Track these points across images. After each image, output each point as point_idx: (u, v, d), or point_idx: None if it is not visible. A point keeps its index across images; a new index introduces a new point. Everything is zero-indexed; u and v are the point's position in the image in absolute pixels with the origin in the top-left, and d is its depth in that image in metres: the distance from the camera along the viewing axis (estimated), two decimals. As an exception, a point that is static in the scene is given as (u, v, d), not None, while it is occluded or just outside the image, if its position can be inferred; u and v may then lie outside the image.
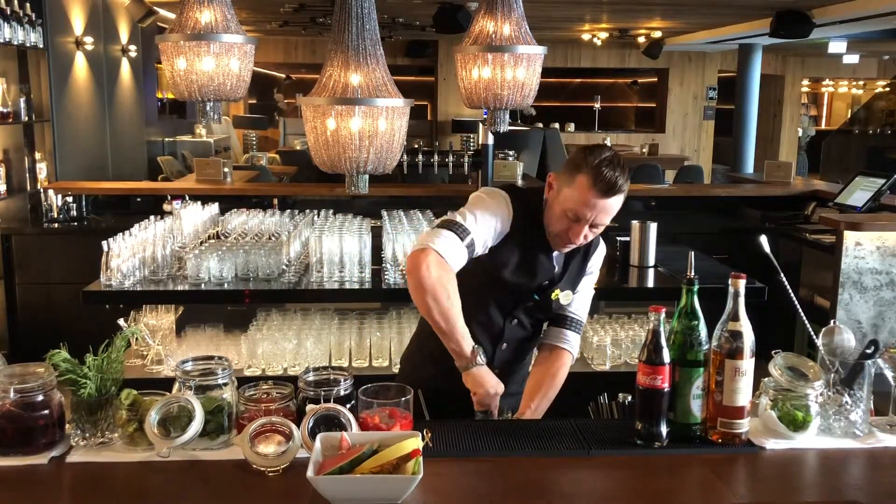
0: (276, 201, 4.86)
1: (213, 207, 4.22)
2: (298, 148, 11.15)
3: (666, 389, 1.79)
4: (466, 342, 2.04)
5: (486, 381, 2.06)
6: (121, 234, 3.37)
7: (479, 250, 2.11)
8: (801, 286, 5.06)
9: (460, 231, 2.06)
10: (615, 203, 2.07)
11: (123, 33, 7.64)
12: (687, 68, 13.77)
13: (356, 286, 3.34)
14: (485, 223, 2.10)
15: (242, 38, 2.17)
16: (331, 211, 4.06)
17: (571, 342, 2.32)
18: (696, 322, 1.81)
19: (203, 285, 3.31)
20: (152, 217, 3.70)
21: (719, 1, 7.89)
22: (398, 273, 3.33)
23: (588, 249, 2.29)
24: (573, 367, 3.24)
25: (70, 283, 3.89)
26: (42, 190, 5.48)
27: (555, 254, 2.22)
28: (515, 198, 2.18)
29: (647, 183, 7.16)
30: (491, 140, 5.66)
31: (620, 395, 2.26)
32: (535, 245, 2.18)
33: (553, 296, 2.23)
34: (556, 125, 12.28)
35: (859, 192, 4.96)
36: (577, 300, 2.31)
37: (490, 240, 2.12)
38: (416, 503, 1.56)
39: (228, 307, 3.73)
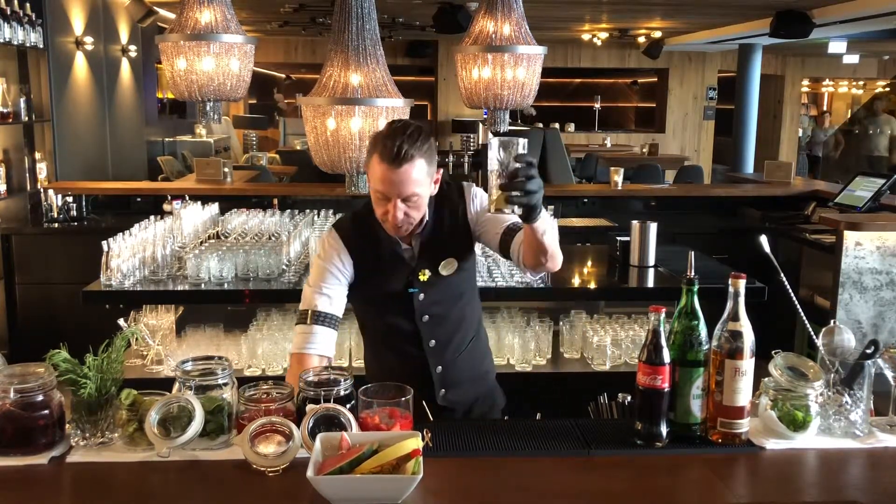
0: (276, 201, 4.86)
1: (213, 207, 4.22)
2: (298, 148, 11.16)
3: (666, 389, 1.79)
4: None
5: None
6: (121, 234, 3.37)
7: (336, 302, 2.20)
8: (801, 286, 5.06)
9: (302, 317, 2.23)
10: (412, 171, 1.99)
11: (123, 33, 7.64)
12: (687, 68, 13.77)
13: (356, 286, 3.34)
14: (320, 280, 2.20)
15: (242, 38, 2.17)
16: (331, 211, 4.06)
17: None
18: (696, 322, 1.80)
19: (203, 285, 3.31)
20: (152, 217, 3.71)
21: (719, 1, 7.89)
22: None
23: (457, 212, 2.21)
24: (573, 368, 3.27)
25: (70, 283, 3.89)
26: (42, 190, 5.48)
27: (403, 246, 2.19)
28: (341, 225, 2.24)
29: (647, 183, 7.15)
30: (491, 140, 5.63)
31: (620, 395, 2.26)
32: (375, 247, 2.19)
33: (421, 276, 2.19)
34: (556, 125, 12.26)
35: (859, 193, 4.96)
36: (500, 219, 2.13)
37: (336, 283, 2.20)
38: (416, 503, 1.56)
39: (228, 307, 3.72)
